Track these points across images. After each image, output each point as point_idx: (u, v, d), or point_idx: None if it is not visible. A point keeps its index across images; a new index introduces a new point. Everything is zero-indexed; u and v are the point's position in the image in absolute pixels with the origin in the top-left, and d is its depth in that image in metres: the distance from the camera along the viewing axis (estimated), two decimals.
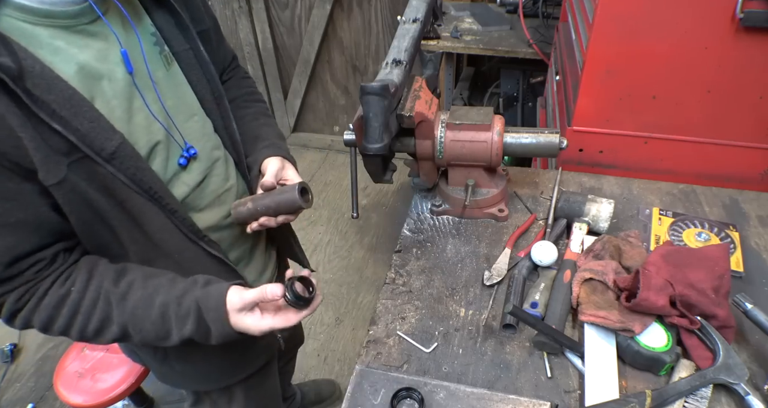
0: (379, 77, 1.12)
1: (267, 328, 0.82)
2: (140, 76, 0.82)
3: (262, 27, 3.24)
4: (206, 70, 0.94)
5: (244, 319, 0.81)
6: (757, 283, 1.09)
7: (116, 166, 0.75)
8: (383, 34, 3.14)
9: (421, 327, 1.04)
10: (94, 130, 0.71)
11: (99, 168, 0.73)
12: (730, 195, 1.33)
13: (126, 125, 0.77)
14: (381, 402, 0.89)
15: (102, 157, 0.73)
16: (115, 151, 0.74)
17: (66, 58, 0.71)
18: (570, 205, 1.21)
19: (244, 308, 0.81)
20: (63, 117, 0.68)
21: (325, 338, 2.37)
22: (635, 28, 1.23)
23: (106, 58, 0.76)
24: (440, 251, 1.21)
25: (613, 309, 0.95)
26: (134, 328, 0.81)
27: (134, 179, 0.77)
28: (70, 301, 0.77)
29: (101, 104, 0.74)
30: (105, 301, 0.79)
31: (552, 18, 2.44)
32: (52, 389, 1.82)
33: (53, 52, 0.70)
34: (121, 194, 0.77)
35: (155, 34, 0.87)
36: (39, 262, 0.75)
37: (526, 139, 1.19)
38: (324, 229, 2.95)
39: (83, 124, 0.70)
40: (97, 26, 0.76)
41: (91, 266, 0.81)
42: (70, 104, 0.69)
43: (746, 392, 0.85)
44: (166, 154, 0.85)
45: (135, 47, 0.81)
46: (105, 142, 0.73)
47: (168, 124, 0.86)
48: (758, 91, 1.25)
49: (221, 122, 0.98)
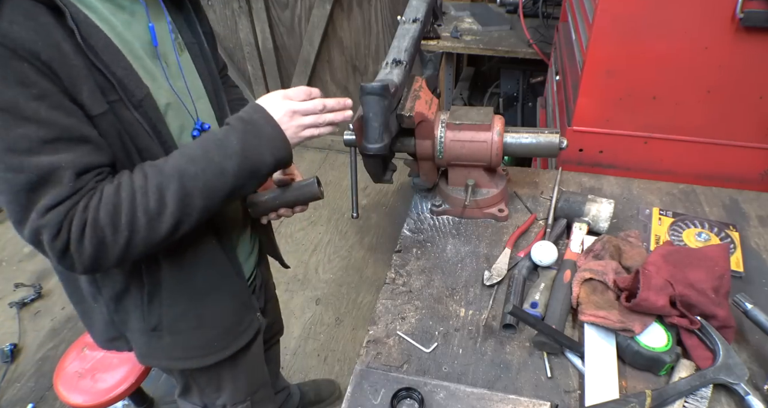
0: (379, 77, 1.12)
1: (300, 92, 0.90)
2: (165, 53, 0.90)
3: (262, 27, 3.24)
4: (207, 63, 1.02)
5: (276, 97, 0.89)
6: (757, 283, 1.09)
7: (142, 113, 0.81)
8: (383, 34, 3.14)
9: (421, 327, 1.04)
10: (128, 77, 0.79)
11: (128, 113, 0.80)
12: (730, 195, 1.33)
13: (149, 82, 0.84)
14: (381, 402, 0.89)
15: (132, 103, 0.80)
16: (143, 99, 0.81)
17: (101, 17, 0.78)
18: (570, 205, 1.21)
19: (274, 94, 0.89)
20: (104, 60, 0.76)
21: (325, 338, 2.36)
22: (635, 28, 1.23)
23: (131, 28, 0.84)
24: (440, 251, 1.21)
25: (613, 309, 0.95)
26: (186, 178, 0.80)
27: (155, 129, 0.84)
28: (124, 186, 0.78)
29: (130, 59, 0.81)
30: (152, 170, 0.80)
31: (552, 18, 2.44)
32: (52, 389, 1.82)
33: (89, 8, 0.77)
34: (142, 142, 0.83)
35: (171, 23, 0.94)
36: (99, 174, 0.79)
37: (526, 139, 1.19)
38: (324, 229, 2.95)
39: (119, 70, 0.78)
40: (127, 1, 0.84)
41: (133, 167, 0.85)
42: (108, 51, 0.76)
43: (746, 392, 0.85)
44: (179, 122, 0.92)
45: (163, 27, 0.91)
46: (136, 89, 0.80)
47: (185, 99, 0.93)
48: (758, 91, 1.25)
49: (219, 113, 1.05)
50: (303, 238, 2.87)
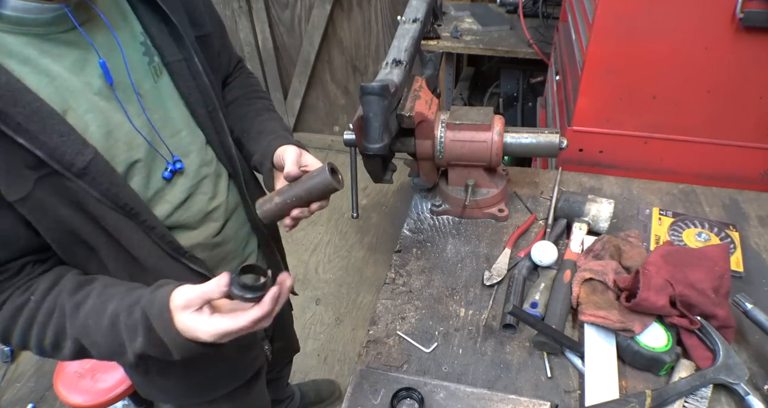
0: (379, 77, 1.12)
1: (216, 330, 0.68)
2: (122, 88, 0.77)
3: (262, 27, 3.24)
4: (200, 82, 0.88)
5: (188, 320, 0.69)
6: (757, 283, 1.09)
7: (88, 181, 0.70)
8: (383, 34, 3.14)
9: (421, 327, 1.04)
10: (64, 145, 0.67)
11: (69, 183, 0.69)
12: (730, 195, 1.33)
13: (102, 140, 0.73)
14: (381, 402, 0.89)
15: (72, 173, 0.69)
16: (87, 166, 0.70)
17: (36, 69, 0.67)
18: (570, 205, 1.21)
19: (189, 306, 0.69)
20: (29, 130, 0.64)
21: (325, 338, 2.36)
22: (635, 28, 1.23)
23: (83, 69, 0.72)
24: (440, 251, 1.21)
25: (613, 309, 0.95)
26: (87, 341, 0.74)
27: (108, 195, 0.73)
28: (26, 311, 0.72)
29: (74, 118, 0.70)
30: (60, 313, 0.73)
31: (552, 18, 2.44)
32: (52, 389, 1.82)
33: (22, 62, 0.66)
34: (94, 210, 0.73)
35: (145, 43, 0.82)
36: (2, 273, 0.72)
37: (526, 139, 1.19)
38: (324, 229, 2.95)
39: (52, 139, 0.66)
40: (74, 35, 0.72)
41: (57, 276, 0.76)
42: (38, 117, 0.65)
43: (746, 392, 0.85)
44: (146, 171, 0.80)
45: (117, 57, 0.77)
46: (75, 157, 0.68)
47: (153, 138, 0.81)
48: (758, 91, 1.25)
49: (215, 136, 0.93)
50: (303, 238, 2.87)
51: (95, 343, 0.74)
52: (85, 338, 0.73)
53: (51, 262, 0.77)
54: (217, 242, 0.96)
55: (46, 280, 0.74)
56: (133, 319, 0.72)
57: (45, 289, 0.73)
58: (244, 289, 0.68)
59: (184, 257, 0.86)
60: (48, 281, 0.74)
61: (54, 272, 0.76)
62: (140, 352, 0.73)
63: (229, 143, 0.95)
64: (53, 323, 0.73)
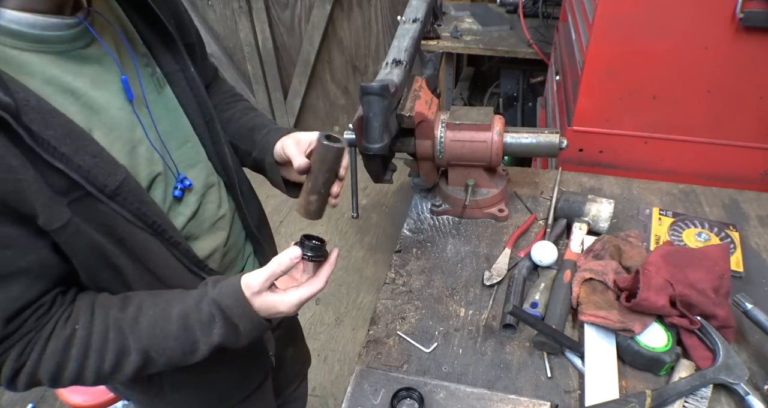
0: (379, 77, 1.12)
1: (297, 300, 0.76)
2: (138, 103, 0.76)
3: (262, 27, 3.24)
4: (197, 92, 0.87)
5: (268, 300, 0.75)
6: (757, 283, 1.09)
7: (120, 202, 0.69)
8: (383, 34, 3.14)
9: (421, 327, 1.04)
10: (97, 166, 0.65)
11: (100, 206, 0.67)
12: (730, 195, 1.33)
13: (128, 158, 0.72)
14: (381, 402, 0.89)
15: (105, 194, 0.67)
16: (119, 187, 0.68)
17: (60, 88, 0.65)
18: (570, 205, 1.21)
19: (263, 288, 0.74)
20: (64, 154, 0.62)
21: (325, 338, 2.36)
22: (635, 28, 1.23)
23: (102, 86, 0.71)
24: (440, 251, 1.21)
25: (613, 309, 0.95)
26: (156, 350, 0.73)
27: (138, 214, 0.71)
28: (78, 340, 0.69)
29: (100, 137, 0.68)
30: (117, 331, 0.71)
31: (552, 18, 2.44)
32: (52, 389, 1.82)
33: (46, 82, 0.64)
34: (122, 231, 0.71)
35: (146, 54, 0.81)
36: (40, 308, 0.68)
37: (526, 139, 1.19)
38: (324, 229, 2.95)
39: (85, 160, 0.64)
40: (92, 50, 0.70)
41: (91, 300, 0.73)
42: (70, 139, 0.63)
43: (746, 392, 0.85)
44: (164, 185, 0.80)
45: (131, 71, 0.76)
46: (108, 178, 0.67)
47: (163, 153, 0.80)
48: (758, 91, 1.25)
49: (212, 147, 0.92)
50: None
51: (166, 349, 0.74)
52: (154, 348, 0.73)
53: (74, 290, 0.74)
54: (224, 252, 0.96)
55: (84, 307, 0.72)
56: (206, 314, 0.74)
57: (88, 314, 0.71)
58: (313, 250, 0.77)
59: (203, 271, 0.86)
60: (86, 307, 0.72)
61: (84, 298, 0.74)
62: (217, 344, 0.75)
63: (225, 152, 0.94)
64: (112, 344, 0.71)
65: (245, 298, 0.74)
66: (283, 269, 0.74)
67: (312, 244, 0.78)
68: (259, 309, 0.75)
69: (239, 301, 0.74)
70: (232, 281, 0.76)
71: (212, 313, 0.74)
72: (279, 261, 0.74)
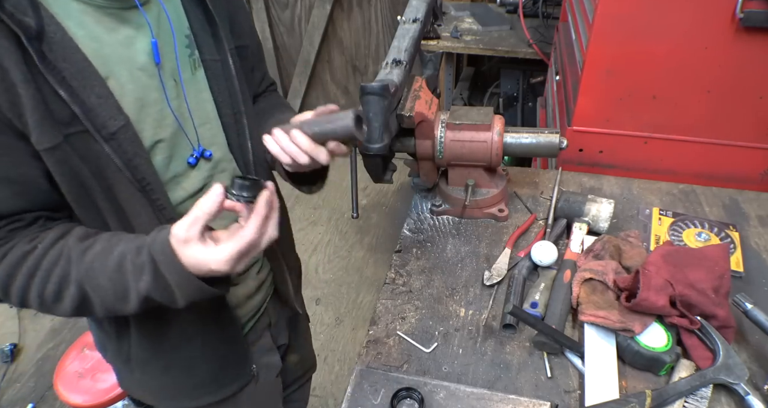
0: (379, 77, 1.12)
1: (229, 254, 0.67)
2: (167, 71, 0.81)
3: (262, 27, 3.24)
4: (230, 84, 0.91)
5: (196, 253, 0.67)
6: (757, 283, 1.09)
7: (114, 147, 0.72)
8: (383, 34, 3.14)
9: (421, 327, 1.04)
10: (100, 106, 0.70)
11: (96, 146, 0.71)
12: (730, 195, 1.33)
13: (135, 111, 0.76)
14: (381, 402, 0.89)
15: (102, 135, 0.71)
16: (117, 132, 0.72)
17: (90, 34, 0.71)
18: (570, 205, 1.21)
19: (190, 237, 0.66)
20: (71, 86, 0.68)
21: (325, 338, 2.36)
22: (635, 28, 1.23)
23: (132, 45, 0.76)
24: (440, 251, 1.21)
25: (613, 309, 0.95)
26: (90, 284, 0.72)
27: (129, 165, 0.74)
28: (31, 258, 0.71)
29: (114, 85, 0.73)
30: (66, 259, 0.72)
31: (552, 18, 2.44)
32: (52, 389, 1.82)
33: (79, 25, 0.70)
34: (112, 178, 0.74)
35: (189, 37, 0.86)
36: (16, 221, 0.72)
37: (526, 139, 1.19)
38: (324, 229, 2.95)
39: (90, 98, 0.69)
40: (132, 14, 0.76)
41: (66, 228, 0.75)
42: (82, 76, 0.69)
43: (746, 392, 0.85)
44: (168, 153, 0.82)
45: (168, 42, 0.81)
46: (108, 120, 0.71)
47: (185, 123, 0.84)
48: (758, 91, 1.25)
49: (236, 138, 0.94)
50: (303, 238, 2.87)
51: (99, 286, 0.72)
52: (88, 282, 0.71)
53: (62, 221, 0.78)
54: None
55: (54, 231, 0.74)
56: (141, 259, 0.70)
57: (53, 238, 0.73)
58: (241, 189, 0.67)
59: None
60: (57, 232, 0.74)
61: (63, 225, 0.76)
62: (145, 295, 0.71)
63: (248, 149, 0.95)
64: (58, 269, 0.71)
65: (171, 247, 0.68)
66: (207, 212, 0.66)
67: (240, 182, 0.67)
68: (188, 263, 0.68)
69: (165, 249, 0.68)
70: (169, 229, 0.70)
71: (145, 260, 0.70)
72: (201, 202, 0.67)
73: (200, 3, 0.86)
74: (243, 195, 0.67)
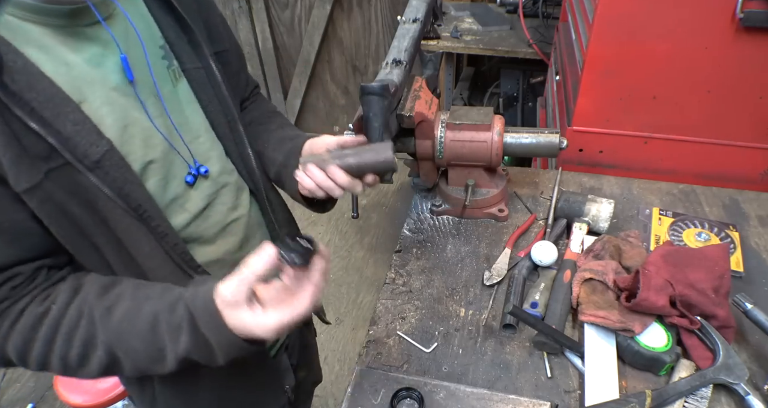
0: (379, 77, 1.12)
1: (275, 325, 0.63)
2: (143, 87, 0.75)
3: (262, 27, 3.24)
4: (218, 91, 0.86)
5: (242, 317, 0.63)
6: (757, 283, 1.09)
7: (100, 176, 0.66)
8: (383, 34, 3.14)
9: (421, 327, 1.04)
10: (78, 134, 0.64)
11: (81, 177, 0.65)
12: (730, 195, 1.33)
13: (117, 134, 0.69)
14: (381, 402, 0.89)
15: (85, 165, 0.65)
16: (101, 159, 0.66)
17: (54, 57, 0.65)
18: (570, 205, 1.21)
19: (238, 300, 0.63)
20: (43, 116, 0.61)
21: (325, 338, 2.36)
22: (635, 28, 1.23)
23: (101, 64, 0.70)
24: (440, 251, 1.21)
25: (613, 309, 0.95)
26: (121, 347, 0.67)
27: (120, 193, 0.68)
28: (49, 320, 0.66)
29: (89, 109, 0.67)
30: (88, 319, 0.67)
31: (552, 18, 2.44)
32: (52, 389, 1.82)
33: (41, 50, 0.64)
34: (104, 210, 0.68)
35: (164, 47, 0.80)
36: (16, 276, 0.66)
37: (526, 139, 1.19)
38: (324, 229, 2.95)
39: (65, 127, 0.63)
40: (96, 30, 0.70)
41: (78, 281, 0.70)
42: (53, 104, 0.63)
43: (746, 392, 0.85)
44: (163, 174, 0.76)
45: (139, 56, 0.75)
46: (89, 147, 0.65)
47: (174, 140, 0.78)
48: (758, 91, 1.25)
49: (234, 147, 0.89)
50: None
51: (131, 349, 0.67)
52: (119, 345, 0.67)
53: (67, 269, 0.72)
54: (236, 260, 0.84)
55: (66, 287, 0.69)
56: (177, 316, 0.66)
57: (67, 296, 0.68)
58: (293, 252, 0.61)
59: (196, 271, 0.80)
60: (69, 288, 0.69)
61: (73, 278, 0.71)
62: (184, 355, 0.67)
63: (249, 156, 0.91)
64: (81, 331, 0.66)
65: (216, 308, 0.64)
66: (256, 274, 0.62)
67: (292, 245, 0.61)
68: (232, 326, 0.64)
69: (209, 309, 0.64)
70: (211, 285, 0.66)
71: (181, 317, 0.66)
72: (251, 262, 0.63)
73: (171, 10, 0.80)
74: (296, 261, 0.62)
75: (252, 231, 0.93)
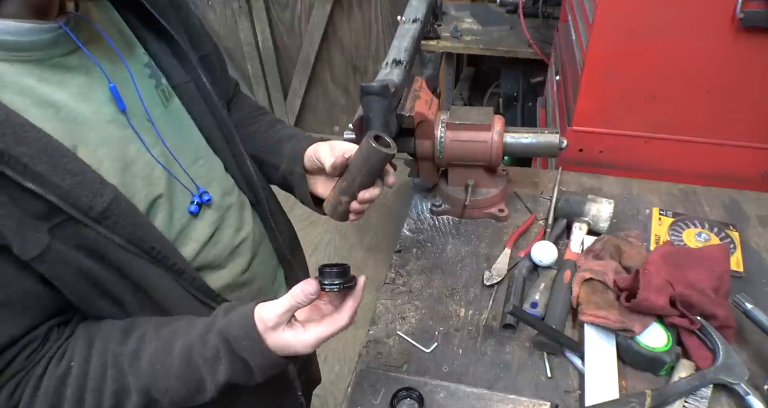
0: (379, 77, 1.12)
1: (315, 340, 0.66)
2: (136, 115, 0.69)
3: (262, 27, 3.24)
4: (210, 103, 0.81)
5: (283, 337, 0.65)
6: (757, 283, 1.09)
7: (109, 226, 0.61)
8: (383, 34, 3.14)
9: (421, 327, 1.04)
10: (80, 186, 0.58)
11: (88, 231, 0.60)
12: (730, 195, 1.33)
13: (120, 176, 0.64)
14: (381, 402, 0.89)
15: (90, 218, 0.59)
16: (107, 209, 0.61)
17: (37, 100, 0.58)
18: (570, 205, 1.21)
19: (280, 323, 0.65)
20: (38, 173, 0.54)
21: None
22: (635, 28, 1.23)
23: (89, 97, 0.64)
24: (440, 251, 1.21)
25: (613, 309, 0.95)
26: (158, 389, 0.65)
27: (132, 240, 0.64)
28: (73, 380, 0.62)
29: (85, 153, 0.61)
30: (115, 368, 0.64)
31: (552, 18, 2.44)
32: None
33: (20, 93, 0.57)
34: (117, 259, 0.64)
35: (149, 64, 0.74)
36: (30, 344, 0.62)
37: (526, 139, 1.19)
38: (324, 229, 2.95)
39: (65, 180, 0.57)
40: (76, 58, 0.63)
41: (90, 332, 0.66)
42: (47, 156, 0.56)
43: (746, 392, 0.85)
44: (169, 208, 0.72)
45: (126, 81, 0.69)
46: (93, 199, 0.59)
47: (173, 169, 0.73)
48: (758, 91, 1.25)
49: (233, 162, 0.86)
50: (303, 238, 2.84)
51: (169, 387, 0.65)
52: (155, 387, 0.65)
53: (75, 321, 0.68)
54: (245, 280, 0.87)
55: (80, 342, 0.65)
56: (210, 348, 0.65)
57: (84, 350, 0.64)
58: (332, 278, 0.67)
59: (215, 301, 0.78)
60: (83, 342, 0.65)
61: (83, 330, 0.67)
62: (224, 382, 0.66)
63: (249, 169, 0.88)
64: (110, 383, 0.64)
65: (257, 333, 0.64)
66: (301, 303, 0.65)
67: (333, 272, 0.67)
68: (274, 347, 0.65)
69: (249, 334, 0.64)
70: (244, 310, 0.66)
71: (217, 347, 0.65)
72: (296, 293, 0.65)
73: (149, 20, 0.74)
74: (335, 284, 0.67)
75: (258, 248, 0.91)
